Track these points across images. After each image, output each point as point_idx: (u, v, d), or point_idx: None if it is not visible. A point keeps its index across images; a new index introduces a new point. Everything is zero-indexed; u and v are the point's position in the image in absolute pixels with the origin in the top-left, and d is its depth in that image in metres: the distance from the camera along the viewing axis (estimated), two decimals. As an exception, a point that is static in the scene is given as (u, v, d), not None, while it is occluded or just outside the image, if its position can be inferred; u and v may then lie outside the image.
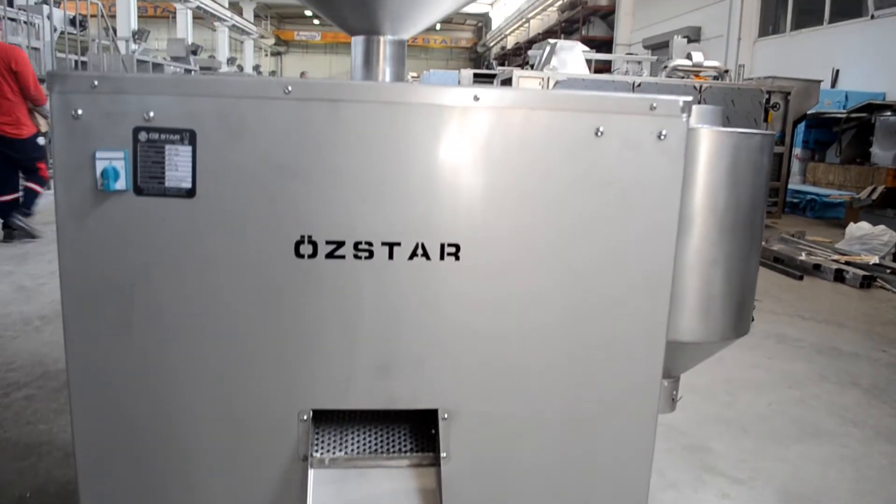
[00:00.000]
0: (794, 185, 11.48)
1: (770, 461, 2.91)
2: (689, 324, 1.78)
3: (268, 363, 1.49)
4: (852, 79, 12.86)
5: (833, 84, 13.16)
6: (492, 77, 13.35)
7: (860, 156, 10.11)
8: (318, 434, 1.66)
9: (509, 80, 8.66)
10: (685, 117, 1.48)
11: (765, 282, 6.02)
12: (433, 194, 1.45)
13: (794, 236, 7.96)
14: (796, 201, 11.20)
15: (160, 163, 1.38)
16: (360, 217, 1.43)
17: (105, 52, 13.11)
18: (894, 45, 11.91)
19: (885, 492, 2.73)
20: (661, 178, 1.50)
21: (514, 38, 37.92)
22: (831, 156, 11.18)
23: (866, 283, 6.19)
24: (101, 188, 1.36)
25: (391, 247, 1.45)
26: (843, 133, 10.33)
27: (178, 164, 1.38)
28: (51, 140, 1.69)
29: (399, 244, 1.45)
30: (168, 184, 1.39)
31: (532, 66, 10.68)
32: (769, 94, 9.49)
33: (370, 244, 1.45)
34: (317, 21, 45.65)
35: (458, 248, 1.47)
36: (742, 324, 1.90)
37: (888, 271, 6.46)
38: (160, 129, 1.37)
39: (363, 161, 1.42)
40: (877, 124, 9.27)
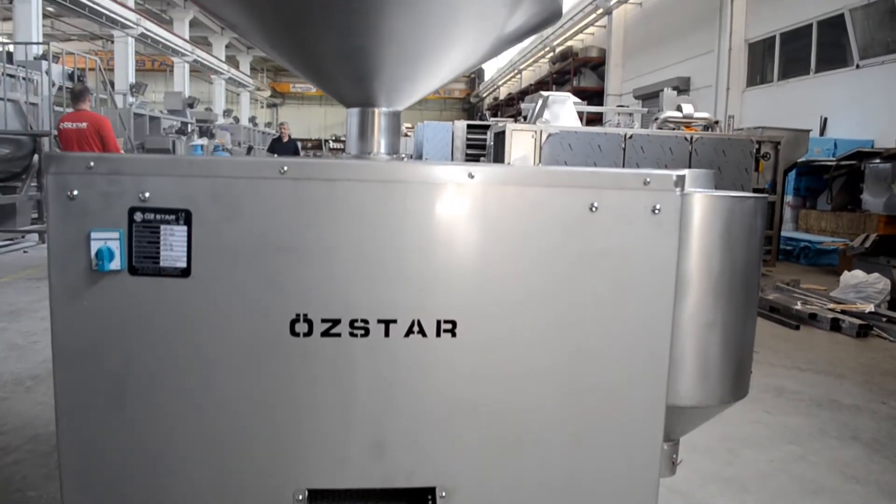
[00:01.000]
0: (787, 232, 11.53)
1: (773, 523, 2.86)
2: (688, 388, 1.77)
3: (263, 442, 1.47)
4: (840, 126, 13.03)
5: (822, 132, 13.32)
6: (485, 128, 13.51)
7: (851, 202, 10.19)
8: (313, 513, 1.62)
9: (502, 132, 8.75)
10: (678, 191, 1.49)
11: (761, 332, 5.98)
12: (429, 271, 1.45)
13: (789, 285, 7.97)
14: (790, 248, 11.23)
15: (155, 242, 1.38)
16: (355, 295, 1.43)
17: (102, 106, 13.22)
18: (880, 94, 12.11)
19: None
20: (656, 251, 1.50)
21: (506, 88, 38.51)
22: (822, 203, 11.26)
23: (863, 331, 6.18)
24: (96, 269, 1.36)
25: (387, 324, 1.44)
26: (833, 180, 10.42)
27: (173, 243, 1.38)
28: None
29: (395, 321, 1.45)
30: (163, 263, 1.39)
31: (525, 118, 10.80)
32: (759, 144, 9.62)
33: (366, 322, 1.44)
34: (312, 73, 46.02)
35: (454, 324, 1.46)
36: (741, 386, 1.89)
37: (884, 319, 6.46)
38: (156, 209, 1.38)
39: (359, 239, 1.42)
40: (866, 171, 9.35)
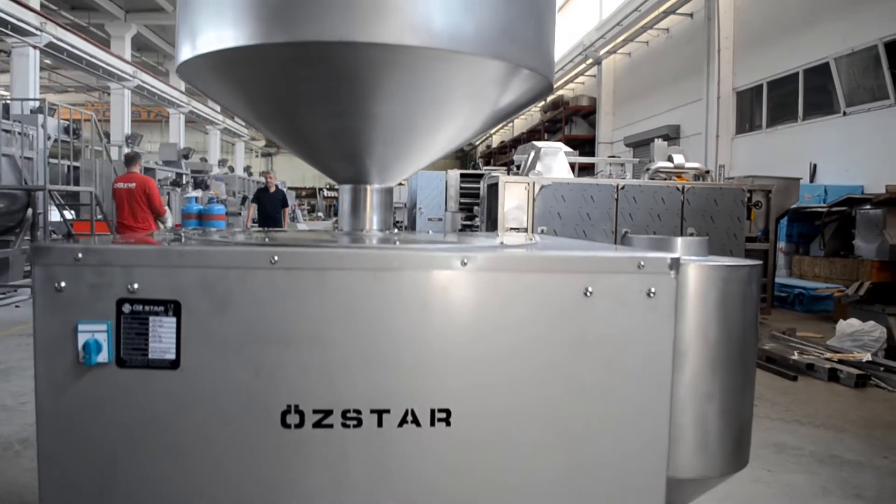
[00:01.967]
0: (781, 278, 11.54)
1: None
2: (688, 460, 1.74)
3: (252, 537, 1.42)
4: (830, 173, 13.16)
5: (812, 178, 13.45)
6: (478, 177, 13.61)
7: (843, 248, 10.24)
8: None
9: (496, 184, 8.80)
10: (673, 274, 1.48)
11: (759, 383, 5.90)
12: (422, 359, 1.42)
13: (785, 333, 7.94)
14: (784, 295, 11.22)
15: (144, 334, 1.36)
16: (347, 385, 1.40)
17: (98, 158, 13.27)
18: (868, 140, 12.26)
19: None
20: (652, 334, 1.49)
21: (499, 136, 38.87)
22: (815, 249, 11.31)
23: (861, 381, 6.12)
24: (83, 362, 1.33)
25: (380, 414, 1.41)
26: (825, 227, 10.49)
27: (161, 335, 1.36)
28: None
29: (388, 411, 1.42)
30: (152, 356, 1.36)
31: (518, 167, 10.89)
32: (751, 192, 9.68)
33: (358, 412, 1.41)
34: (306, 122, 46.51)
35: (448, 413, 1.43)
36: (741, 456, 1.86)
37: (882, 368, 6.42)
38: (144, 301, 1.36)
39: (350, 329, 1.40)
40: (857, 217, 9.42)
